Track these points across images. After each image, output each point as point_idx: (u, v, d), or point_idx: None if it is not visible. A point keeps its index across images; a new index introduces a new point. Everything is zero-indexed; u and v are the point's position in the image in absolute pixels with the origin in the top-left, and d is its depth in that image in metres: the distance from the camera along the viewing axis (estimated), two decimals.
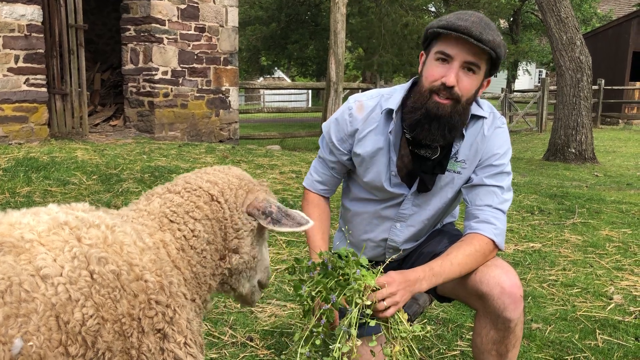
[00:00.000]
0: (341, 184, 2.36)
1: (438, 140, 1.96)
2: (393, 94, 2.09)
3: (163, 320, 1.29)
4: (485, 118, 2.06)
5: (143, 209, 1.53)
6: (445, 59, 1.89)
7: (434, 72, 1.91)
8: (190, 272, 1.48)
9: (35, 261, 1.13)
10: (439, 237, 2.24)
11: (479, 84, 1.94)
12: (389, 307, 1.73)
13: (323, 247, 2.12)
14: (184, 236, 1.48)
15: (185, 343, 1.32)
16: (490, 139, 2.05)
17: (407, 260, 2.28)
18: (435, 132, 1.93)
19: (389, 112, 2.06)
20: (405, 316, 1.78)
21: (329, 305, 1.72)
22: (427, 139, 1.97)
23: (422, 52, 2.03)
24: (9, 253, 1.12)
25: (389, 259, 1.96)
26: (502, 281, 1.91)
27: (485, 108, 2.09)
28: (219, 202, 1.56)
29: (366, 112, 2.10)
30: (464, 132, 2.03)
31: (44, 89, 7.57)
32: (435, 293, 2.17)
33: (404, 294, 1.78)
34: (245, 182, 1.65)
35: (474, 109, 2.04)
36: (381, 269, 1.81)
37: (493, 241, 1.97)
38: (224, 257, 1.58)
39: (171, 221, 1.49)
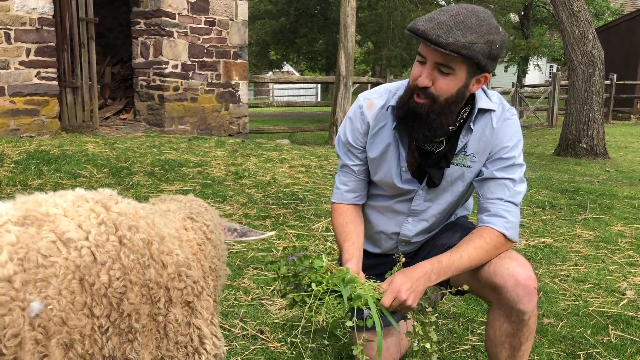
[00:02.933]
0: None
1: (420, 139, 1.97)
2: (399, 89, 2.09)
3: (192, 293, 1.31)
4: (494, 111, 2.04)
5: (165, 208, 1.61)
6: (422, 61, 1.87)
7: (414, 71, 1.91)
8: (210, 262, 1.54)
9: (57, 229, 1.15)
10: (452, 229, 2.23)
11: (459, 84, 1.88)
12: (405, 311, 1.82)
13: (350, 253, 2.04)
14: (204, 232, 1.57)
15: (211, 322, 1.34)
16: (500, 132, 2.03)
17: (421, 252, 2.28)
18: (417, 131, 1.94)
19: (393, 109, 2.06)
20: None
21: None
22: (411, 137, 1.99)
23: None
24: (32, 225, 1.14)
25: (398, 266, 1.95)
26: (516, 273, 1.90)
27: (494, 100, 2.06)
28: (211, 219, 1.69)
29: (376, 110, 2.10)
30: (472, 126, 2.01)
31: (55, 83, 7.60)
32: (449, 286, 2.17)
33: (413, 294, 1.81)
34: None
35: (482, 103, 2.02)
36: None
37: (504, 234, 1.96)
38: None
39: (194, 220, 1.59)
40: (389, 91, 2.12)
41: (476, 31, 1.78)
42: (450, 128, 1.99)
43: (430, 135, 1.94)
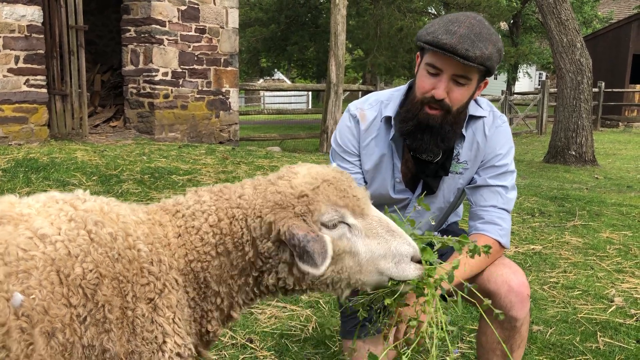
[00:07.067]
0: None
1: (432, 150, 1.96)
2: (391, 100, 2.09)
3: (154, 291, 1.33)
4: (485, 117, 2.06)
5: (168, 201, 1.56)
6: (435, 72, 1.87)
7: (424, 83, 1.90)
8: (187, 265, 1.41)
9: (32, 226, 1.22)
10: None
11: (471, 92, 1.93)
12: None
13: None
14: (187, 228, 1.42)
15: (173, 320, 1.34)
16: (492, 139, 2.05)
17: None
18: (428, 142, 1.94)
19: (388, 120, 2.05)
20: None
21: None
22: (421, 149, 1.98)
23: (418, 53, 2.02)
24: (7, 224, 1.21)
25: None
26: (509, 280, 1.91)
27: (484, 107, 2.08)
28: (241, 226, 1.42)
29: (368, 122, 2.11)
30: (463, 132, 2.02)
31: (44, 90, 7.56)
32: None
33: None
34: (274, 203, 1.40)
35: (473, 110, 2.04)
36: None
37: (499, 242, 1.97)
38: (250, 276, 1.45)
39: (178, 211, 1.45)
40: (380, 102, 2.12)
41: (491, 41, 1.83)
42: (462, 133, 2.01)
43: (443, 145, 1.95)
